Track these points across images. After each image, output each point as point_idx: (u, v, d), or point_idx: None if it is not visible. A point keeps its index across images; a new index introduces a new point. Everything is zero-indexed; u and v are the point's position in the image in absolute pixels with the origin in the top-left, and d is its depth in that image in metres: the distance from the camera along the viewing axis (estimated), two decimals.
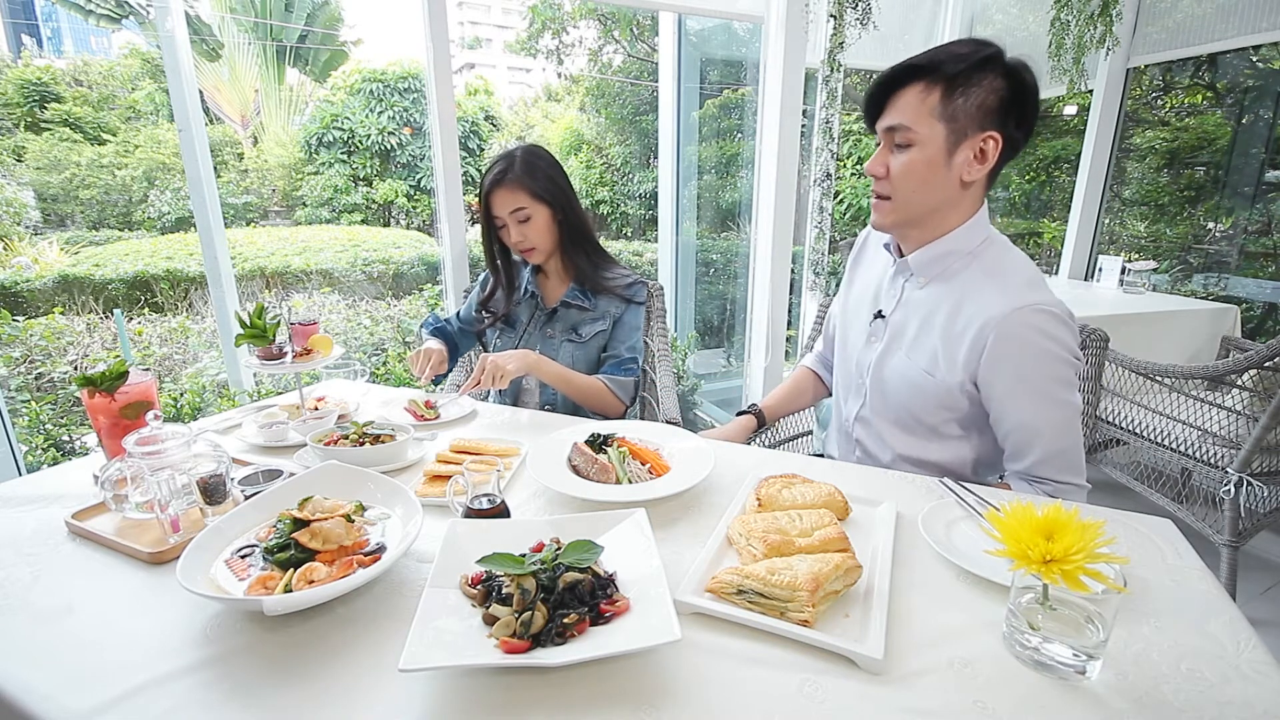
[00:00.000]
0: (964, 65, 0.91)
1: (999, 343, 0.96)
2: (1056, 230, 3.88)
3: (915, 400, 1.08)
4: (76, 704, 0.56)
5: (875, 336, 1.14)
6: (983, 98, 0.92)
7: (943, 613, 0.68)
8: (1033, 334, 0.95)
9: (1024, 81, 0.93)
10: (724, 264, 3.86)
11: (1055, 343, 0.95)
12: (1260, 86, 2.83)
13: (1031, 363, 0.96)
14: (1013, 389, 0.98)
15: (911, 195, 0.99)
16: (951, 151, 0.95)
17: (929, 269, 1.06)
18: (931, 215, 1.02)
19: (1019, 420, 1.00)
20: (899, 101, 0.96)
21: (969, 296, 1.00)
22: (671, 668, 0.59)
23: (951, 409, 1.06)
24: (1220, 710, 0.54)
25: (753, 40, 3.17)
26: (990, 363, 0.98)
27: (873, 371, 1.14)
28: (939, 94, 0.92)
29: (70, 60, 8.39)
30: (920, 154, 0.95)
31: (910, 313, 1.09)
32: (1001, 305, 0.95)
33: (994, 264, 1.02)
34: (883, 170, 1.00)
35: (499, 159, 1.46)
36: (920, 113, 0.94)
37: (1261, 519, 1.80)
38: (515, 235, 1.46)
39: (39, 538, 0.85)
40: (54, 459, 2.35)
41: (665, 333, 1.74)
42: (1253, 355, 1.68)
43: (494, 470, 0.85)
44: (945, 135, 0.94)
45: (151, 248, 5.27)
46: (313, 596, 0.65)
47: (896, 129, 0.96)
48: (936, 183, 0.97)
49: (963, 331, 1.00)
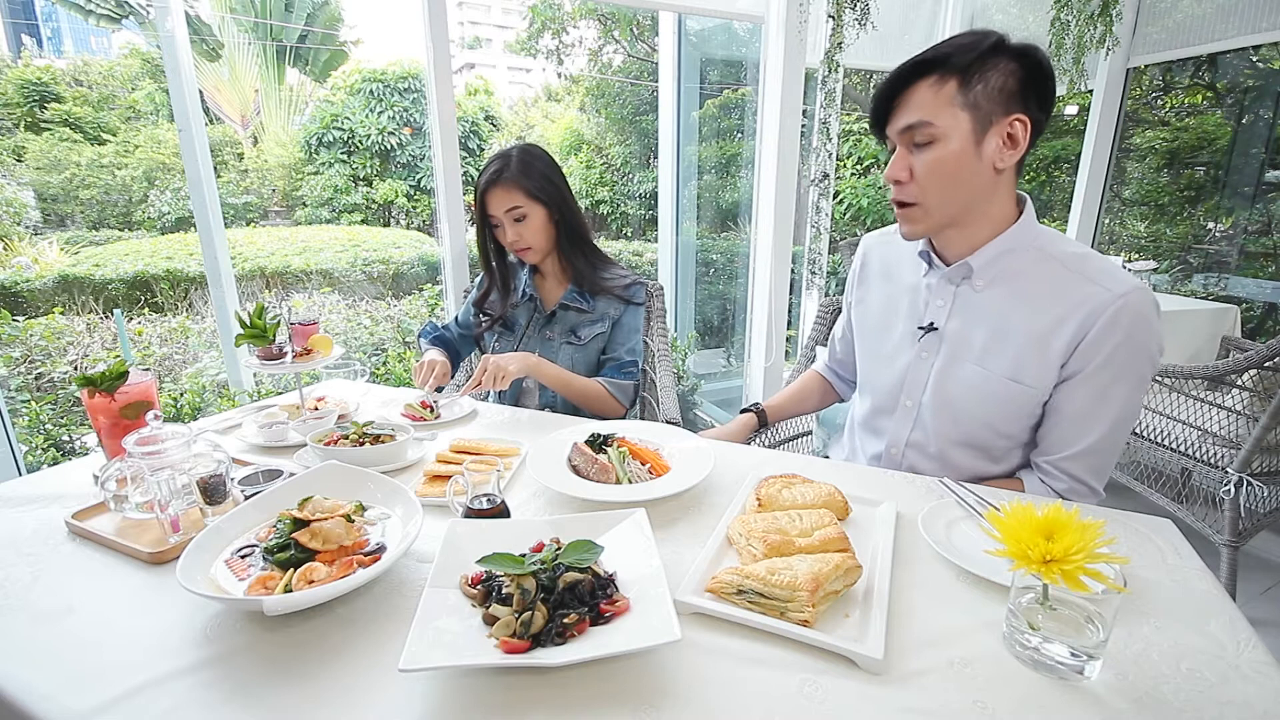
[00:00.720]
0: (974, 54, 0.88)
1: (1105, 329, 0.90)
2: (1057, 230, 3.88)
3: (996, 414, 1.00)
4: (76, 704, 0.56)
5: (927, 351, 1.05)
6: (1002, 81, 0.88)
7: (943, 613, 0.68)
8: (1140, 324, 0.89)
9: (1038, 61, 0.89)
10: (724, 264, 3.86)
11: (1153, 338, 0.91)
12: (1260, 86, 2.83)
13: (1126, 354, 0.90)
14: (1093, 377, 0.92)
15: (944, 194, 0.93)
16: (980, 140, 0.90)
17: (991, 269, 0.98)
18: (970, 211, 0.96)
19: (1082, 409, 0.94)
20: (912, 99, 0.91)
21: (1055, 289, 0.94)
22: (671, 668, 0.59)
23: (1033, 414, 0.99)
24: (1220, 710, 0.54)
25: (753, 40, 3.17)
26: (1086, 349, 0.91)
27: (932, 390, 1.05)
28: (955, 84, 0.88)
29: (70, 60, 8.39)
30: (947, 148, 0.90)
31: (973, 319, 1.00)
32: (1105, 293, 0.90)
33: (1063, 252, 0.96)
34: (906, 174, 0.93)
35: (495, 158, 1.46)
36: (939, 105, 0.89)
37: (1261, 519, 1.80)
38: (511, 235, 1.45)
39: (39, 538, 0.85)
40: (54, 459, 2.35)
41: (665, 333, 1.74)
42: (1253, 355, 1.68)
43: (494, 470, 0.85)
44: (971, 124, 0.89)
45: (151, 248, 5.27)
46: (313, 596, 0.65)
47: (915, 127, 0.90)
48: (969, 176, 0.92)
49: (1056, 326, 0.93)
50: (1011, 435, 1.02)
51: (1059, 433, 0.98)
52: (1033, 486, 1.01)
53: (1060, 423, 0.97)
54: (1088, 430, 0.95)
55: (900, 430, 1.11)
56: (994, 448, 1.04)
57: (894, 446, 1.12)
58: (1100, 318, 0.90)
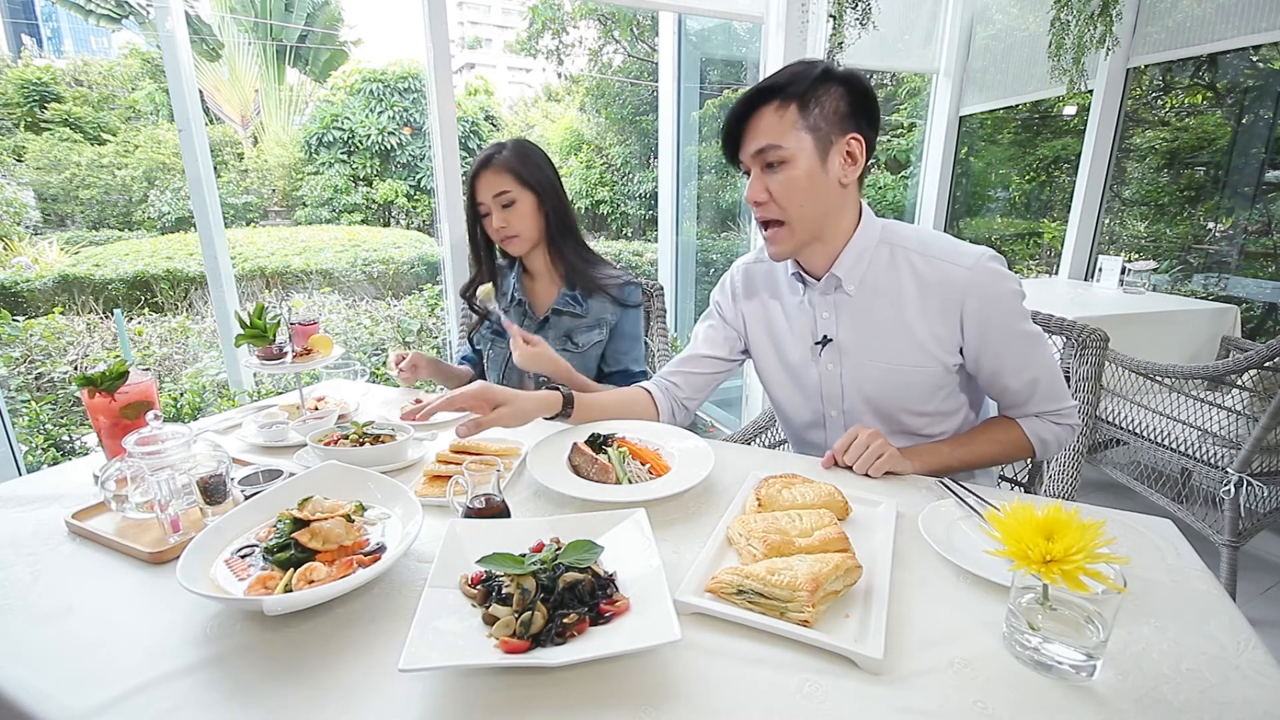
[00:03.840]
0: (807, 81, 0.97)
1: (979, 306, 1.01)
2: (1056, 230, 3.88)
3: (913, 397, 1.09)
4: (76, 704, 0.56)
5: (832, 363, 1.13)
6: (834, 105, 0.98)
7: (943, 613, 0.68)
8: (997, 284, 1.00)
9: (862, 85, 1.00)
10: (724, 264, 3.84)
11: (1011, 282, 1.02)
12: (1260, 86, 2.82)
13: (1008, 314, 1.01)
14: (1004, 344, 1.03)
15: (803, 209, 1.01)
16: (824, 158, 0.99)
17: (854, 272, 1.07)
18: (825, 225, 1.05)
19: (1017, 368, 1.04)
20: (760, 125, 0.99)
21: (918, 278, 1.04)
22: (671, 668, 0.59)
23: (944, 387, 1.09)
24: (1220, 710, 0.54)
25: (753, 40, 3.17)
26: (974, 328, 1.02)
27: (850, 397, 1.13)
28: (794, 109, 0.97)
29: (70, 60, 8.40)
30: (797, 168, 0.99)
31: (859, 323, 1.09)
32: (958, 270, 1.01)
33: (910, 241, 1.07)
34: (764, 194, 1.01)
35: (489, 145, 1.45)
36: (784, 129, 0.97)
37: (1261, 519, 1.80)
38: (498, 221, 1.42)
39: (39, 538, 0.85)
40: (54, 459, 2.36)
41: (665, 333, 1.74)
42: (1253, 355, 1.68)
43: (494, 470, 0.85)
44: (813, 144, 0.98)
45: (151, 248, 5.27)
46: (313, 596, 0.65)
47: (767, 149, 0.99)
48: (820, 191, 1.01)
49: (931, 306, 1.03)
50: (932, 411, 1.11)
51: (1014, 393, 1.07)
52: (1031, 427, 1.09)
53: (1011, 385, 1.06)
54: (1036, 379, 1.05)
55: (836, 437, 1.13)
56: (922, 428, 1.13)
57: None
58: (965, 296, 1.01)
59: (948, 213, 3.54)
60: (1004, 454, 1.11)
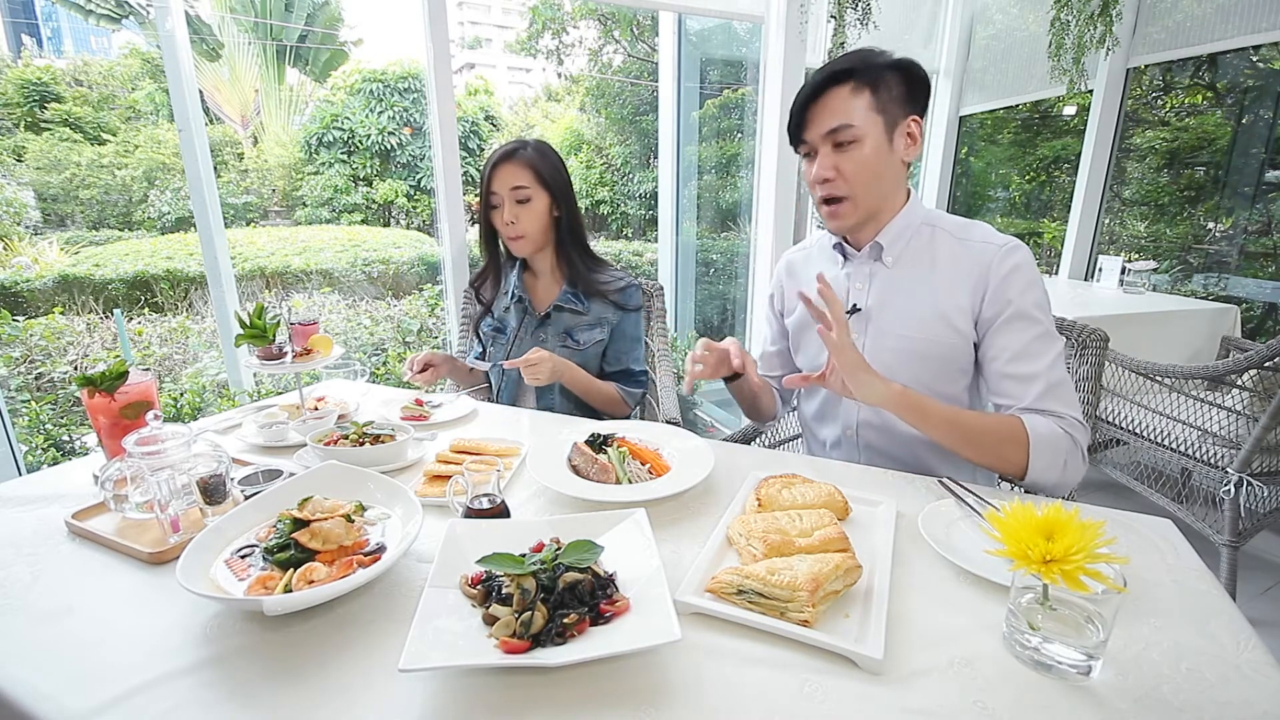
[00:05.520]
0: (876, 67, 1.04)
1: (1000, 278, 1.03)
2: (1056, 230, 3.87)
3: (930, 373, 1.09)
4: (76, 704, 0.56)
5: (857, 333, 1.14)
6: (898, 89, 1.05)
7: (943, 613, 0.68)
8: (1026, 265, 1.04)
9: (919, 71, 1.06)
10: (724, 264, 3.86)
11: (1036, 272, 1.05)
12: (1260, 86, 2.82)
13: (1029, 291, 1.03)
14: (1015, 316, 1.03)
15: (870, 187, 1.07)
16: (891, 139, 1.05)
17: (897, 243, 1.12)
18: (884, 201, 1.11)
19: (1019, 348, 1.02)
20: (832, 105, 1.04)
21: (953, 255, 1.08)
22: (671, 668, 0.59)
23: (958, 364, 1.09)
24: (1220, 710, 0.54)
25: (753, 40, 3.17)
26: (994, 297, 1.04)
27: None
28: (868, 92, 1.03)
29: (70, 60, 8.40)
30: (867, 146, 1.04)
31: (890, 292, 1.12)
32: (990, 248, 1.05)
33: (951, 225, 1.12)
34: (833, 172, 1.06)
35: (512, 141, 1.47)
36: (858, 109, 1.03)
37: (1261, 519, 1.80)
38: (508, 214, 1.42)
39: (39, 538, 0.85)
40: (54, 459, 2.36)
41: (665, 333, 1.74)
42: (1253, 355, 1.68)
43: (494, 470, 0.85)
44: (883, 126, 1.04)
45: (151, 248, 5.27)
46: (313, 596, 0.65)
47: (840, 129, 1.03)
48: (885, 168, 1.06)
49: (961, 282, 1.06)
50: (948, 394, 1.11)
51: (1012, 378, 1.02)
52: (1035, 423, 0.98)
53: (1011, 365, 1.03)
54: (1037, 365, 1.01)
55: (851, 413, 1.19)
56: None
57: (848, 429, 1.20)
58: (994, 268, 1.04)
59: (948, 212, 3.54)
60: (995, 427, 0.98)
